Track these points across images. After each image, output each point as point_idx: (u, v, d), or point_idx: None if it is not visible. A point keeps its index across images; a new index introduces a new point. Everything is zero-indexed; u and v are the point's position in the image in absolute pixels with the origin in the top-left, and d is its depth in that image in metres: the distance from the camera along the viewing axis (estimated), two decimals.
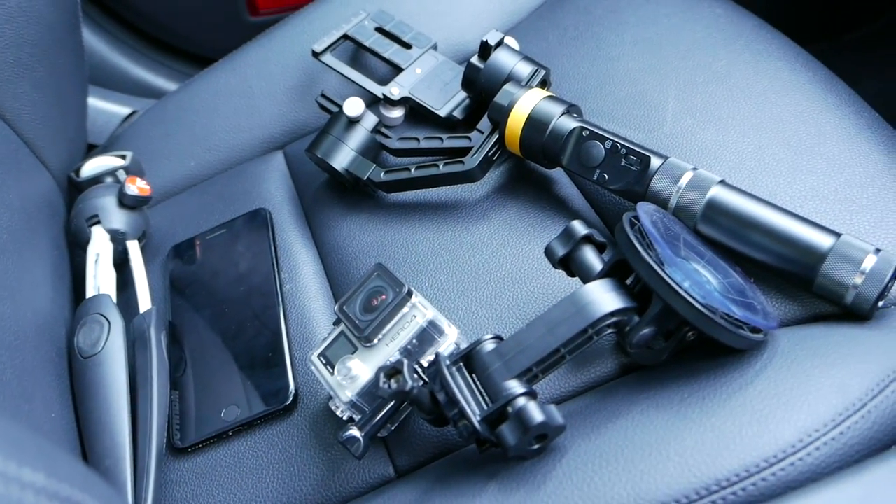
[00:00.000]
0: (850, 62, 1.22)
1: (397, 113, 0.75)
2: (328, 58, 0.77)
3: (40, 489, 0.28)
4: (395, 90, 0.74)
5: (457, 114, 0.74)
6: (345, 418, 0.57)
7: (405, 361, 0.50)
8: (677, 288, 0.49)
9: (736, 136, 0.65)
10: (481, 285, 0.63)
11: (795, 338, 0.53)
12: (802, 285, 0.55)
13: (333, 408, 0.57)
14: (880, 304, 0.54)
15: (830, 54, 1.21)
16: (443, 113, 0.74)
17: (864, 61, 1.21)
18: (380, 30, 0.79)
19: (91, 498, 0.30)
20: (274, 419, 0.61)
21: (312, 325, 0.65)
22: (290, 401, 0.61)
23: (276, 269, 0.69)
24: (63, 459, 0.31)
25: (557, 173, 0.69)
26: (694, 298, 0.49)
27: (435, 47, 0.78)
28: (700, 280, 0.52)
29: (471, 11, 0.83)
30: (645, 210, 0.54)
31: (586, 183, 0.67)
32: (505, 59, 0.70)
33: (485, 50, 0.70)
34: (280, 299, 0.67)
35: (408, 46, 0.78)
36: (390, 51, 0.77)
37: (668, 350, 0.54)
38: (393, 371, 0.50)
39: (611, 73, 0.72)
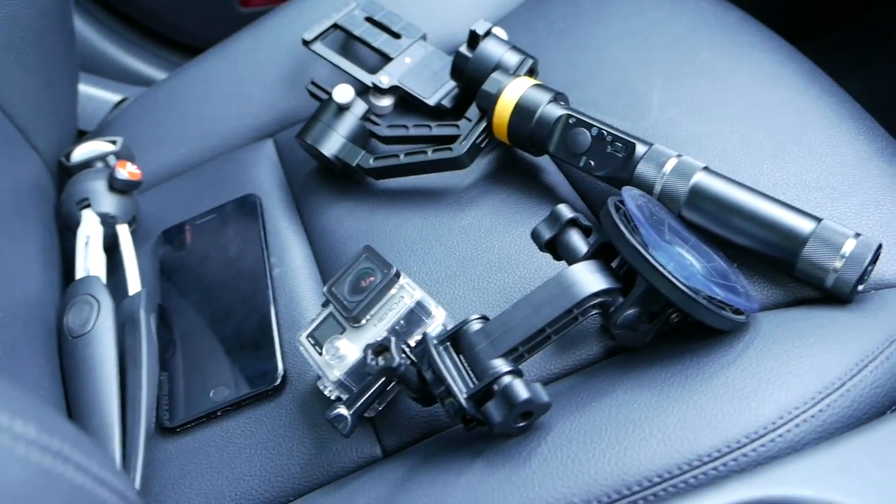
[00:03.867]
0: (836, 61, 1.24)
1: (386, 101, 0.76)
2: (318, 46, 0.78)
3: (31, 441, 0.28)
4: (384, 79, 0.75)
5: (445, 103, 0.75)
6: (333, 398, 0.57)
7: (393, 339, 0.51)
8: (661, 269, 0.50)
9: (720, 126, 0.66)
10: (469, 270, 0.64)
11: (777, 320, 0.54)
12: (784, 269, 0.56)
13: (322, 387, 0.58)
14: (860, 287, 0.55)
15: (817, 53, 1.24)
16: (432, 102, 0.74)
17: (851, 59, 1.22)
18: (370, 20, 0.80)
19: (80, 453, 0.30)
20: (262, 400, 0.61)
21: (301, 308, 0.66)
22: (278, 381, 0.61)
23: (265, 254, 0.69)
24: (53, 416, 0.31)
25: (545, 161, 0.70)
26: (677, 279, 0.50)
27: (424, 38, 0.79)
28: (684, 263, 0.53)
29: (460, 3, 0.84)
30: (630, 194, 0.54)
31: (573, 171, 0.68)
32: (493, 49, 0.71)
33: (473, 39, 0.71)
34: (269, 283, 0.67)
35: (397, 36, 0.78)
36: (380, 40, 0.78)
37: (653, 332, 0.55)
38: (381, 348, 0.51)
39: (597, 63, 0.73)
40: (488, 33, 0.71)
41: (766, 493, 0.38)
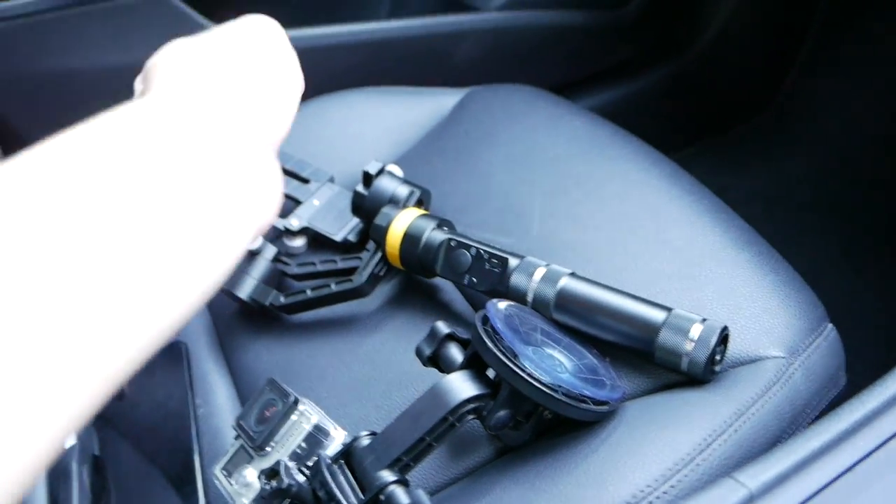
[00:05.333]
0: (741, 152, 1.32)
1: (299, 242, 0.83)
2: None
3: None
4: (294, 221, 0.82)
5: (351, 237, 0.81)
6: None
7: (283, 462, 0.55)
8: (518, 371, 0.54)
9: (592, 233, 0.72)
10: (372, 390, 0.69)
11: (640, 406, 0.58)
12: (648, 358, 0.61)
13: None
14: (717, 368, 0.59)
15: (723, 146, 1.33)
16: (338, 238, 0.81)
17: (755, 150, 1.31)
18: (281, 169, 0.87)
19: None
20: None
21: (225, 444, 0.70)
22: None
23: (190, 395, 0.74)
24: None
25: (442, 281, 0.76)
26: (535, 379, 0.54)
27: (332, 179, 0.87)
28: (551, 364, 0.58)
29: (366, 147, 0.92)
30: (494, 306, 0.60)
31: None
32: (386, 185, 0.78)
33: (367, 179, 0.78)
34: (193, 422, 0.72)
35: (306, 181, 0.86)
36: (290, 187, 0.85)
37: (531, 430, 0.59)
38: (272, 472, 0.55)
39: (486, 187, 0.80)
40: (381, 172, 0.79)
41: None
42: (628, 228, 0.71)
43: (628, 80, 1.30)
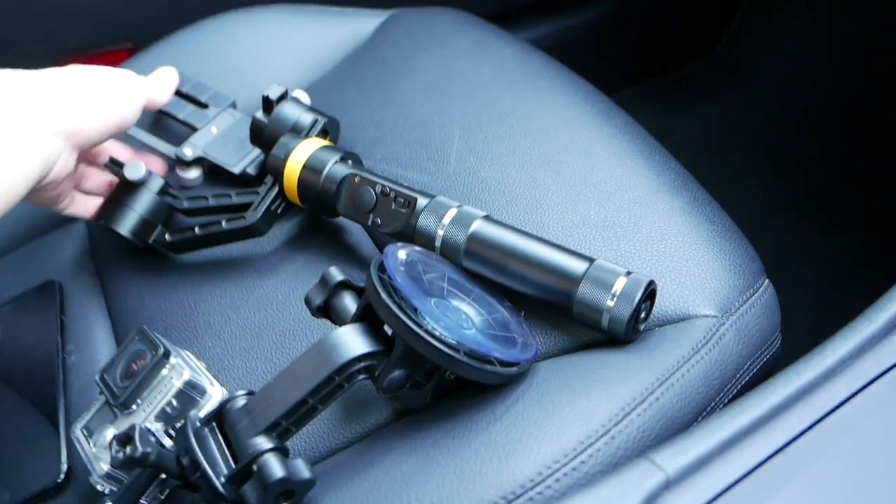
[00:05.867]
0: (688, 92, 1.26)
1: (194, 174, 0.74)
2: None
3: None
4: (187, 150, 0.73)
5: (250, 170, 0.73)
6: (106, 492, 0.54)
7: (138, 426, 0.48)
8: (413, 326, 0.48)
9: (514, 172, 0.65)
10: (262, 341, 0.61)
11: (554, 368, 0.52)
12: (567, 314, 0.54)
13: (94, 482, 0.54)
14: (642, 326, 0.53)
15: (670, 87, 1.26)
16: (237, 170, 0.73)
17: (702, 90, 1.24)
18: (177, 92, 0.78)
19: None
20: (45, 500, 0.57)
21: (96, 398, 0.62)
22: (61, 479, 0.57)
23: (59, 342, 0.66)
24: None
25: (348, 222, 0.68)
26: (434, 336, 0.48)
27: (234, 105, 0.78)
28: (455, 318, 0.51)
29: (274, 69, 0.83)
30: (393, 251, 0.53)
31: None
32: (287, 112, 0.69)
33: (267, 104, 0.70)
34: (60, 371, 0.64)
35: (205, 106, 0.77)
36: (186, 112, 0.76)
37: (431, 391, 0.53)
38: (126, 438, 0.48)
39: (401, 118, 0.73)
40: (284, 97, 0.70)
41: None
42: (553, 169, 0.64)
43: (570, 13, 1.22)
